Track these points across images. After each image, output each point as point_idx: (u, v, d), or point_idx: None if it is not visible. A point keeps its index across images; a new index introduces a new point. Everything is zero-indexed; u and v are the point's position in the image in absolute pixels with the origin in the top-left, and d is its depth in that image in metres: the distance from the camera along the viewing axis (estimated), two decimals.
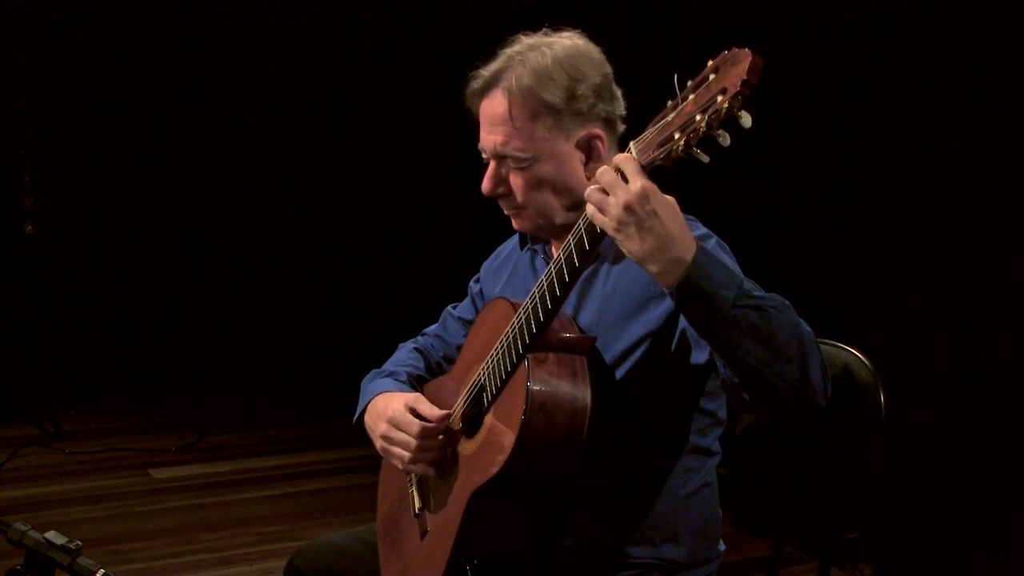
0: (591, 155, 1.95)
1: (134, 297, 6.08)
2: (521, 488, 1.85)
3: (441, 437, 2.03)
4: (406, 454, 2.04)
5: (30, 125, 5.64)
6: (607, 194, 1.62)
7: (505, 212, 2.04)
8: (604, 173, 1.63)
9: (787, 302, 1.68)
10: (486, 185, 1.99)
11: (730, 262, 1.86)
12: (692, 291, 1.62)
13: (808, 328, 1.69)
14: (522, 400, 1.78)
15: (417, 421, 2.02)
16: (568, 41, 1.97)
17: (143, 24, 5.87)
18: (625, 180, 1.60)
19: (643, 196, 1.58)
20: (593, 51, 1.97)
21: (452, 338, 2.32)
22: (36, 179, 5.58)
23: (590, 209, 1.65)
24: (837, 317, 3.85)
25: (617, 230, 1.61)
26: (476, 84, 1.97)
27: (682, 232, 1.61)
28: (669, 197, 1.62)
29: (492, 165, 1.99)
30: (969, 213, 3.69)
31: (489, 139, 1.96)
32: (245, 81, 6.04)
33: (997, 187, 3.62)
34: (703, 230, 1.92)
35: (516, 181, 1.96)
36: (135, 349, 6.04)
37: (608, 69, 1.97)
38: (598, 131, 1.94)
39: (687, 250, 1.61)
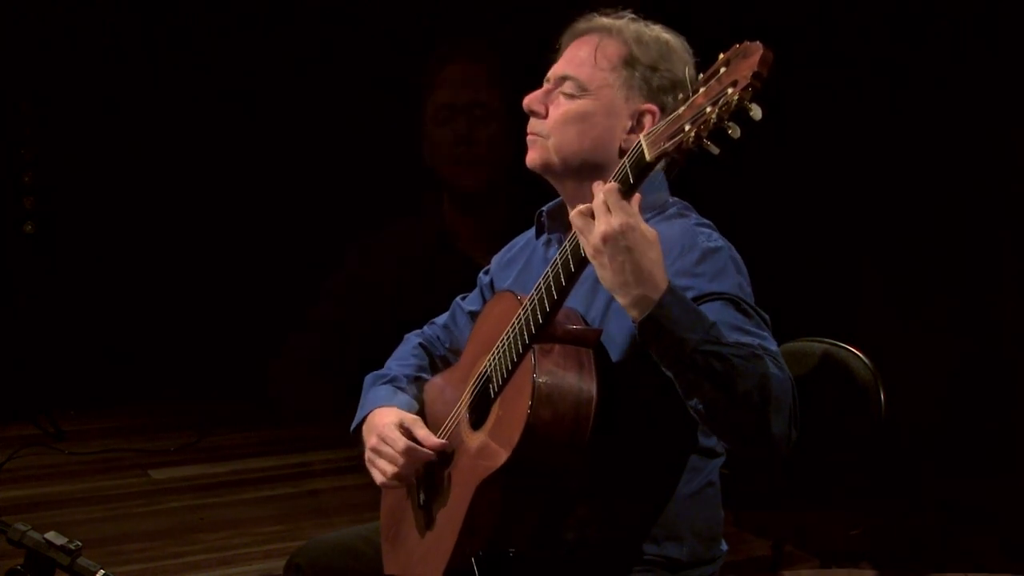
0: (637, 129, 1.96)
1: (134, 297, 6.06)
2: (526, 480, 1.85)
3: (428, 459, 2.05)
4: (389, 468, 2.07)
5: (30, 125, 5.63)
6: (592, 218, 1.67)
7: (528, 135, 2.04)
8: (592, 200, 1.68)
9: (759, 353, 1.70)
10: (528, 97, 2.02)
11: (739, 280, 1.87)
12: (653, 329, 1.67)
13: (782, 377, 1.70)
14: (528, 392, 1.78)
15: (403, 439, 2.04)
16: (671, 35, 2.02)
17: (144, 24, 5.87)
18: (610, 210, 1.65)
19: (620, 231, 1.64)
20: (688, 56, 2.01)
21: (460, 331, 2.32)
22: (36, 179, 5.58)
23: (575, 226, 1.70)
24: (837, 317, 3.87)
25: (593, 257, 1.68)
26: (583, 24, 2.03)
27: (653, 271, 1.66)
28: (651, 231, 1.66)
29: (546, 87, 2.02)
30: (969, 212, 3.71)
31: (559, 68, 2.01)
32: (245, 82, 6.03)
33: (998, 186, 3.63)
34: (717, 242, 1.92)
35: (557, 109, 1.99)
36: (135, 349, 6.03)
37: (695, 75, 1.99)
38: (655, 110, 1.96)
39: (655, 290, 1.66)
